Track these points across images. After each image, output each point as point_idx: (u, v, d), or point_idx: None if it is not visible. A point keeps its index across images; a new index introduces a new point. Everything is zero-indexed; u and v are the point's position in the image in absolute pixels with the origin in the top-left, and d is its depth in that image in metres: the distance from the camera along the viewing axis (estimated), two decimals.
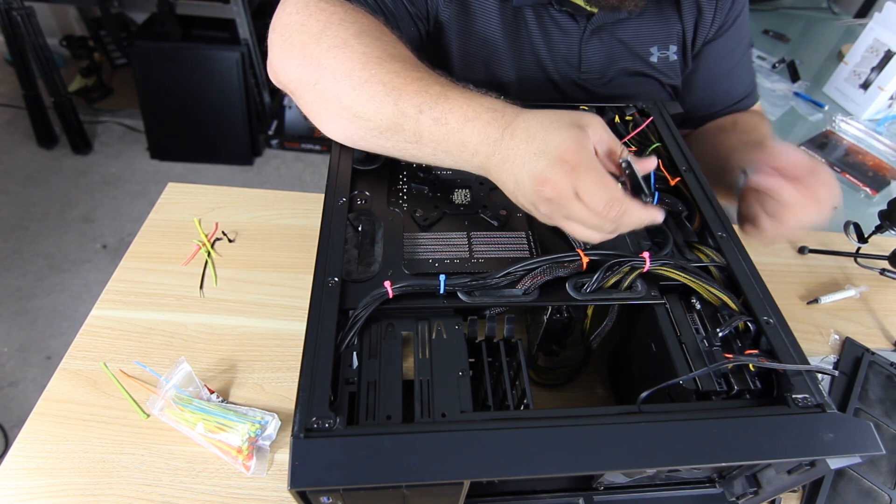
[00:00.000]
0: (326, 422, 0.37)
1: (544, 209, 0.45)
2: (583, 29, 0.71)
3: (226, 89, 2.06)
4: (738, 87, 0.83)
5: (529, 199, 0.46)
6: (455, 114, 0.48)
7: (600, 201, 0.42)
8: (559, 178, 0.43)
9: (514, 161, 0.45)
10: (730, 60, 0.80)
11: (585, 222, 0.44)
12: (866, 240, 0.77)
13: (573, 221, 0.45)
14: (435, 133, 0.48)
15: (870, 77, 1.23)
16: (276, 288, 0.70)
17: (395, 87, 0.49)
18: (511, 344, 0.48)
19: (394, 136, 0.51)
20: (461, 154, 0.49)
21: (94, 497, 0.51)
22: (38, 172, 2.11)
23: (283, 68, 0.55)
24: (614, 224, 0.44)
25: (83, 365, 0.61)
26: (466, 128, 0.47)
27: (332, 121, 0.54)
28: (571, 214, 0.44)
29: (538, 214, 0.47)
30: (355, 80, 0.50)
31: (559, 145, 0.43)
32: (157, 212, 0.78)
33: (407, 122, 0.49)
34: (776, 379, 0.44)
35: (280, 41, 0.55)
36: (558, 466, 0.36)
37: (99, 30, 2.46)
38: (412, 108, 0.48)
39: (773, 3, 1.72)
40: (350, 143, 0.56)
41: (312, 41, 0.52)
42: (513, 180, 0.46)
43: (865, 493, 0.56)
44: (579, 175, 0.43)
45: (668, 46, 0.76)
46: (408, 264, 0.49)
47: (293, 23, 0.54)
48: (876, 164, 1.14)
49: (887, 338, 0.73)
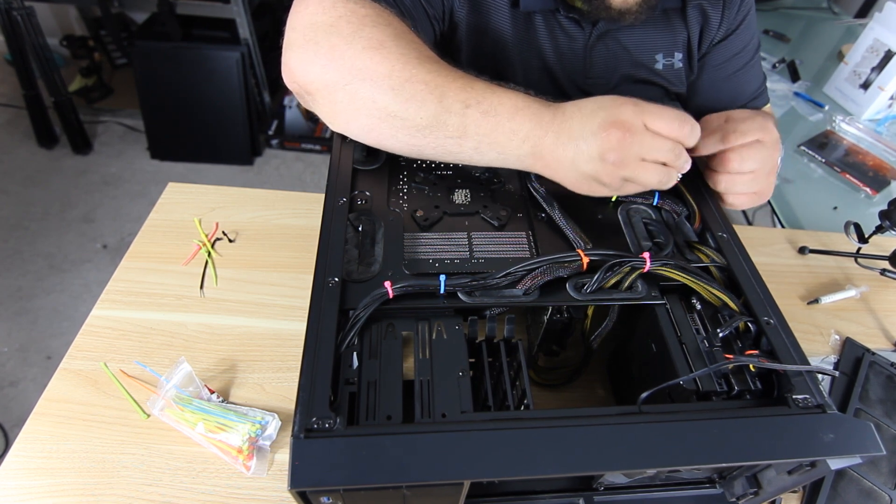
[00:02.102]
0: (326, 422, 0.37)
1: (614, 157, 0.46)
2: (588, 35, 0.71)
3: (226, 89, 2.06)
4: (745, 90, 0.82)
5: (595, 154, 0.47)
6: (505, 105, 0.50)
7: (673, 119, 0.46)
8: (626, 115, 0.46)
9: (572, 129, 0.48)
10: (735, 63, 0.79)
11: (660, 152, 0.46)
12: (867, 240, 0.77)
13: (645, 163, 0.47)
14: (483, 125, 0.50)
15: (870, 77, 1.23)
16: (277, 288, 0.70)
17: (438, 86, 0.50)
18: (511, 344, 0.48)
19: (432, 133, 0.51)
20: (509, 143, 0.50)
21: (94, 497, 0.51)
22: (39, 172, 2.11)
23: (304, 69, 0.54)
24: (691, 141, 0.47)
25: (83, 365, 0.61)
26: (518, 115, 0.49)
27: (358, 120, 0.54)
28: (644, 149, 0.46)
29: (605, 172, 0.48)
30: (395, 81, 0.50)
31: (612, 98, 0.48)
32: (157, 212, 0.78)
33: (451, 118, 0.50)
34: (776, 379, 0.44)
35: (302, 41, 0.54)
36: (558, 467, 0.36)
37: (99, 30, 2.47)
38: (458, 104, 0.50)
39: (774, 3, 1.72)
40: (372, 142, 0.55)
41: (344, 42, 0.52)
42: (573, 147, 0.48)
43: (866, 494, 0.56)
44: (644, 108, 0.46)
45: (674, 54, 0.76)
46: (408, 264, 0.49)
47: (319, 23, 0.53)
48: (876, 164, 1.14)
49: (888, 338, 0.73)
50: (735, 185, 0.59)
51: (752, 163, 0.58)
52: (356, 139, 0.56)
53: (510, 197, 0.58)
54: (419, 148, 0.53)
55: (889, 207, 0.73)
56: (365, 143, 0.56)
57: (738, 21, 0.76)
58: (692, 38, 0.75)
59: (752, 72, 0.81)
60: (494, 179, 0.60)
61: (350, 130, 0.56)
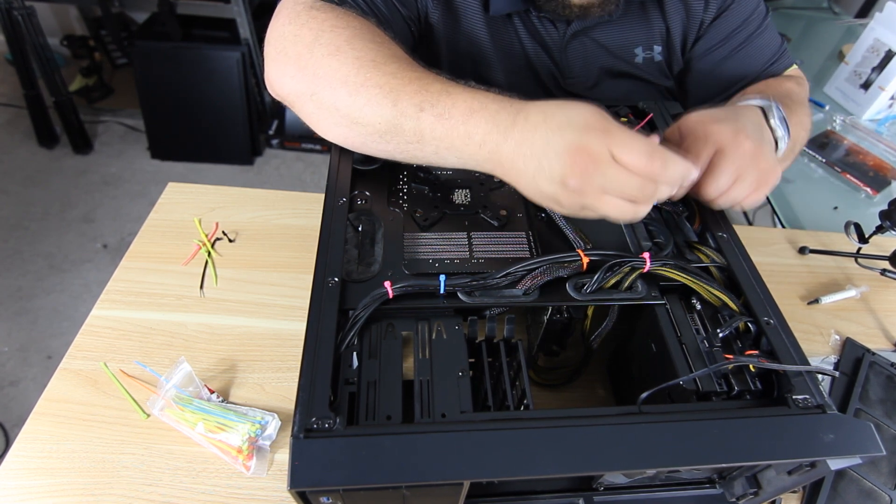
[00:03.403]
0: (326, 422, 0.37)
1: (575, 183, 0.42)
2: (562, 34, 0.71)
3: (226, 89, 2.06)
4: (755, 62, 0.77)
5: (557, 176, 0.43)
6: (459, 107, 0.47)
7: (641, 154, 0.41)
8: (593, 143, 0.41)
9: (534, 142, 0.43)
10: (735, 40, 0.75)
11: (624, 187, 0.42)
12: (867, 240, 0.76)
13: (608, 195, 0.42)
14: (437, 129, 0.47)
15: (870, 77, 1.23)
16: (276, 288, 0.70)
17: (392, 89, 0.48)
18: (511, 344, 0.48)
19: (394, 138, 0.50)
20: (466, 147, 0.47)
21: (94, 497, 0.51)
22: (39, 172, 2.11)
23: (279, 81, 0.55)
24: (656, 181, 0.42)
25: (83, 365, 0.61)
26: (472, 119, 0.46)
27: (332, 129, 0.54)
28: (608, 182, 0.41)
29: (564, 196, 0.44)
30: (351, 86, 0.50)
31: (583, 116, 0.43)
32: (157, 212, 0.78)
33: (407, 122, 0.48)
34: (776, 379, 0.44)
35: (275, 53, 0.55)
36: (558, 467, 0.36)
37: (99, 29, 2.46)
38: (412, 108, 0.48)
39: (774, 3, 1.72)
40: (353, 149, 0.56)
41: (306, 51, 0.52)
42: (534, 163, 0.44)
43: (866, 494, 0.56)
44: (613, 136, 0.41)
45: (653, 47, 0.75)
46: (408, 264, 0.49)
47: (287, 34, 0.54)
48: (876, 164, 1.14)
49: (888, 338, 0.73)
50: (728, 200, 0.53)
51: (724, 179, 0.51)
52: (343, 146, 0.57)
53: (510, 197, 0.58)
54: (389, 153, 0.53)
55: (889, 207, 0.73)
56: (350, 149, 0.56)
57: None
58: (672, 29, 0.73)
59: (762, 40, 0.76)
60: (494, 179, 0.60)
61: (329, 137, 0.56)
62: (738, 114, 0.55)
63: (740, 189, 0.52)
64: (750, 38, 0.75)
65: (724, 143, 0.51)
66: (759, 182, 0.52)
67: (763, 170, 0.52)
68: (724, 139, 0.51)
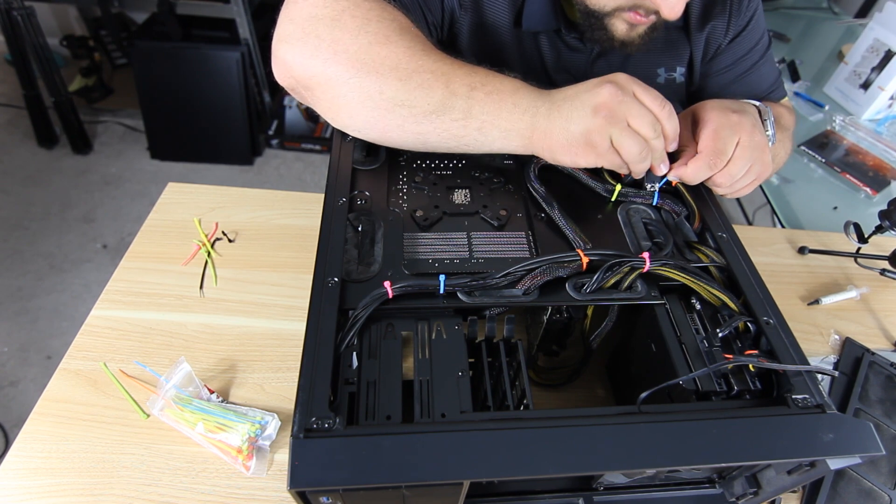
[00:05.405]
0: (326, 422, 0.37)
1: (605, 111, 0.49)
2: (590, 52, 0.72)
3: (226, 89, 2.06)
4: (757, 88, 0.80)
5: (589, 108, 0.50)
6: (507, 85, 0.52)
7: (657, 97, 0.50)
8: (620, 80, 0.50)
9: (567, 95, 0.52)
10: (744, 64, 0.78)
11: (643, 122, 0.49)
12: (866, 240, 0.77)
13: (629, 129, 0.49)
14: (487, 105, 0.52)
15: (870, 77, 1.23)
16: (276, 288, 0.70)
17: (444, 73, 0.52)
18: (511, 344, 0.48)
19: (439, 118, 0.52)
20: (511, 116, 0.52)
21: (94, 497, 0.51)
22: (39, 172, 2.11)
23: (303, 63, 0.54)
24: (668, 125, 0.51)
25: (83, 365, 0.61)
26: (520, 91, 0.52)
27: (363, 114, 0.54)
28: (632, 113, 0.49)
29: (595, 126, 0.49)
30: (402, 72, 0.51)
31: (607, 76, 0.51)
32: (157, 212, 0.78)
33: (457, 101, 0.52)
34: (776, 379, 0.44)
35: (302, 34, 0.53)
36: (558, 467, 0.36)
37: (99, 29, 2.46)
38: (464, 87, 0.52)
39: (774, 3, 1.72)
40: (374, 134, 0.55)
41: (349, 36, 0.52)
42: (567, 109, 0.51)
43: (865, 494, 0.56)
44: (636, 81, 0.51)
45: (676, 68, 0.76)
46: (408, 264, 0.49)
47: (321, 16, 0.53)
48: (876, 164, 1.14)
49: (887, 338, 0.73)
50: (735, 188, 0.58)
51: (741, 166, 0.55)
52: (358, 134, 0.56)
53: (510, 197, 0.58)
54: (424, 136, 0.54)
55: (889, 207, 0.73)
56: (367, 137, 0.56)
57: (744, 22, 0.75)
58: (695, 51, 0.75)
59: (764, 69, 0.80)
60: (494, 179, 0.60)
61: (353, 125, 0.55)
62: (746, 108, 0.59)
63: (746, 179, 0.58)
64: (755, 65, 0.79)
65: (742, 135, 0.56)
66: (759, 175, 0.58)
67: (765, 163, 0.58)
68: (744, 132, 0.56)
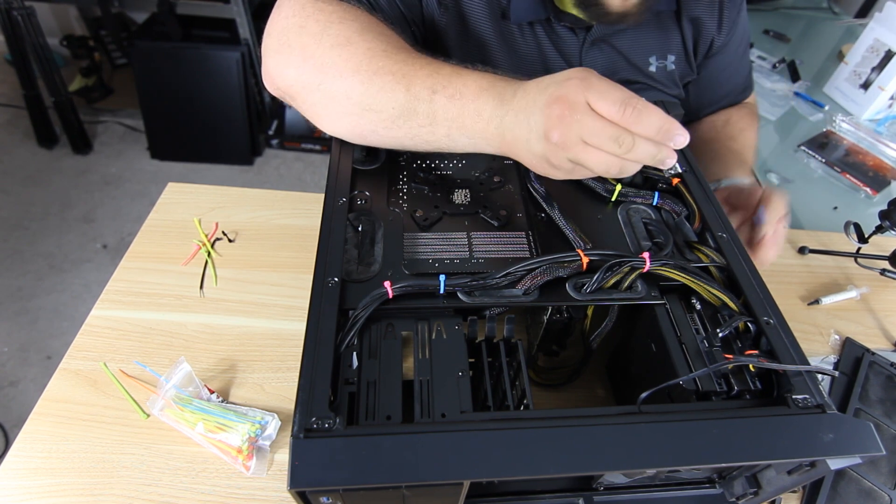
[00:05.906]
0: (326, 422, 0.37)
1: (557, 136, 0.43)
2: (581, 41, 0.71)
3: (226, 89, 2.06)
4: (738, 83, 0.84)
5: (541, 130, 0.44)
6: (469, 87, 0.48)
7: (615, 102, 0.41)
8: (570, 92, 0.42)
9: (526, 105, 0.45)
10: (732, 60, 0.80)
11: (602, 137, 0.42)
12: (866, 240, 0.77)
13: (590, 147, 0.43)
14: (450, 110, 0.49)
15: (870, 77, 1.23)
16: (276, 288, 0.70)
17: (405, 75, 0.50)
18: (511, 344, 0.48)
19: (406, 123, 0.51)
20: (476, 125, 0.48)
21: (94, 497, 0.51)
22: (39, 172, 2.11)
23: (281, 73, 0.55)
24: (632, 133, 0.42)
25: (83, 365, 0.61)
26: (482, 96, 0.48)
27: (339, 119, 0.54)
28: (585, 131, 0.42)
29: (551, 152, 0.44)
30: (363, 75, 0.50)
31: (567, 73, 0.45)
32: (157, 212, 0.78)
33: (420, 105, 0.49)
34: (776, 379, 0.44)
35: (277, 45, 0.55)
36: (558, 467, 0.36)
37: (99, 29, 2.46)
38: (425, 91, 0.49)
39: (774, 3, 1.72)
40: (359, 140, 0.56)
41: (313, 41, 0.52)
42: (525, 125, 0.45)
43: (866, 494, 0.56)
44: (591, 85, 0.42)
45: (667, 56, 0.76)
46: (408, 264, 0.49)
47: (290, 26, 0.54)
48: (876, 164, 1.14)
49: (887, 338, 0.73)
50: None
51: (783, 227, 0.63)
52: (344, 137, 0.57)
53: (510, 197, 0.58)
54: (399, 140, 0.53)
55: (889, 207, 0.73)
56: (351, 140, 0.56)
57: (734, 19, 0.76)
58: (686, 39, 0.75)
59: (743, 62, 0.82)
60: (494, 179, 0.60)
61: (336, 130, 0.56)
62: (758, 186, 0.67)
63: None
64: (741, 58, 0.82)
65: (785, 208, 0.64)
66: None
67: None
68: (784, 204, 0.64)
